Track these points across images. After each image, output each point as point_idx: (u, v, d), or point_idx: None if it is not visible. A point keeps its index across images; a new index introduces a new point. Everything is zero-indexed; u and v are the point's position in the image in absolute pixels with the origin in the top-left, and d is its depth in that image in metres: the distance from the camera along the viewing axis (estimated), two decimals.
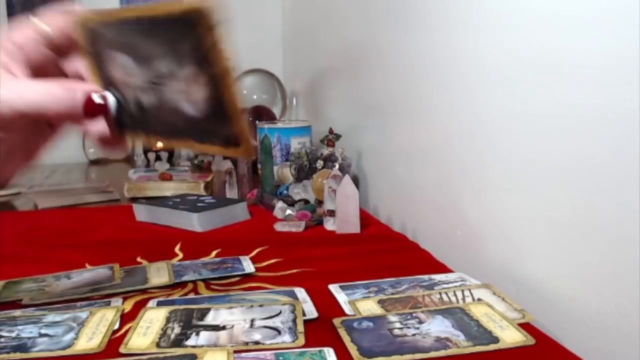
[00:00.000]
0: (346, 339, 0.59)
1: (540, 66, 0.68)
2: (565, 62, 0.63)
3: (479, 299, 0.69)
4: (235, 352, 0.56)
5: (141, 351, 0.58)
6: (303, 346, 0.58)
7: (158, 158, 1.85)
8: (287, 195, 1.25)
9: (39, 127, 0.54)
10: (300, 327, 0.61)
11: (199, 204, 1.14)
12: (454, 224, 0.90)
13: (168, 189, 1.39)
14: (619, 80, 0.56)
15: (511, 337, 0.58)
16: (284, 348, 0.57)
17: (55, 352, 0.58)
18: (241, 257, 0.88)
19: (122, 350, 0.58)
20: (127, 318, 0.67)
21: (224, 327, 0.62)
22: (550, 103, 0.66)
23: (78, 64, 0.52)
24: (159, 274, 0.82)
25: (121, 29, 0.47)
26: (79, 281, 0.80)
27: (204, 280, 0.80)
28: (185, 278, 0.80)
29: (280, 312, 0.65)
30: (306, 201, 1.21)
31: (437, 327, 0.61)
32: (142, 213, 1.17)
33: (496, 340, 0.58)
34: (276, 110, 1.92)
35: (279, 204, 1.17)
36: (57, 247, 0.98)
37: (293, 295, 0.72)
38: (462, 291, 0.71)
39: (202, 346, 0.58)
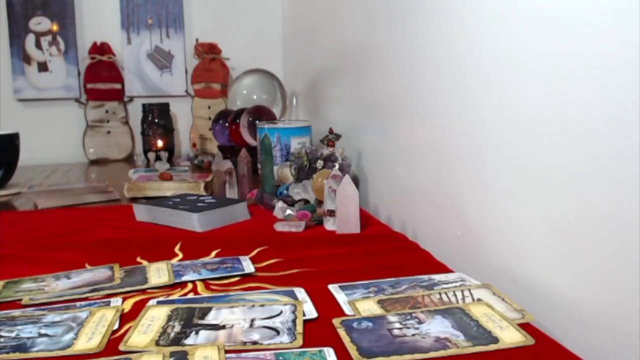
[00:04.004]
0: (346, 339, 0.59)
1: (539, 66, 0.67)
2: (565, 62, 0.63)
3: (479, 299, 0.68)
4: (234, 352, 0.57)
5: (140, 349, 0.58)
6: (301, 346, 0.57)
7: (158, 158, 1.85)
8: (287, 195, 1.25)
9: None
10: (300, 328, 0.61)
11: (199, 204, 1.14)
12: (454, 224, 0.90)
13: (168, 189, 1.39)
14: (619, 80, 0.56)
15: (511, 337, 0.58)
16: (282, 348, 0.57)
17: (55, 352, 0.58)
18: (241, 257, 0.88)
19: (121, 347, 0.58)
20: (127, 318, 0.67)
21: (223, 327, 0.62)
22: (550, 103, 0.66)
23: None
24: (158, 274, 0.81)
25: None
26: (78, 281, 0.80)
27: (203, 280, 0.80)
28: (185, 278, 0.80)
29: (281, 312, 0.65)
30: (306, 201, 1.21)
31: (437, 327, 0.61)
32: (142, 213, 1.17)
33: (496, 340, 0.58)
34: (276, 110, 1.92)
35: (279, 204, 1.17)
36: (57, 247, 0.98)
37: (293, 296, 0.72)
38: (462, 291, 0.71)
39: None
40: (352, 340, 0.58)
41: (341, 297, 0.72)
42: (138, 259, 0.90)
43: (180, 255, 0.92)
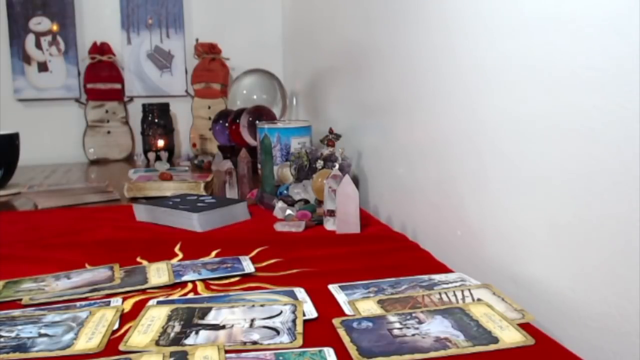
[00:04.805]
0: (346, 339, 0.59)
1: (539, 66, 0.67)
2: (565, 63, 0.63)
3: (479, 299, 0.68)
4: (234, 351, 0.57)
5: (140, 349, 0.58)
6: (301, 346, 0.57)
7: (158, 158, 1.85)
8: (287, 195, 1.25)
9: None
10: (300, 328, 0.61)
11: (199, 204, 1.14)
12: (454, 224, 0.90)
13: (168, 189, 1.39)
14: (619, 80, 0.56)
15: (511, 337, 0.58)
16: (282, 348, 0.57)
17: (55, 352, 0.58)
18: (241, 257, 0.88)
19: (121, 347, 0.58)
20: (127, 318, 0.67)
21: (223, 327, 0.62)
22: (550, 103, 0.66)
23: None
24: (158, 274, 0.81)
25: None
26: (78, 281, 0.80)
27: (203, 280, 0.80)
28: (185, 278, 0.80)
29: (281, 312, 0.65)
30: (306, 201, 1.21)
31: (437, 327, 0.61)
32: (142, 213, 1.17)
33: (496, 340, 0.58)
34: (276, 110, 1.92)
35: (279, 204, 1.17)
36: (57, 247, 0.98)
37: (293, 295, 0.72)
38: (462, 291, 0.71)
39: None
40: (352, 340, 0.58)
41: (341, 297, 0.72)
42: (138, 259, 0.90)
43: (180, 255, 0.92)
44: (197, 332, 0.61)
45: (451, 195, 0.91)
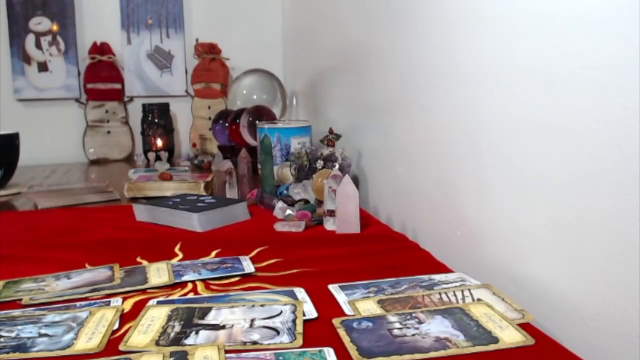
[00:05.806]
0: (346, 339, 0.59)
1: (539, 67, 0.67)
2: (564, 63, 0.63)
3: (479, 299, 0.68)
4: (234, 351, 0.57)
5: (140, 349, 0.58)
6: (301, 346, 0.57)
7: (158, 158, 1.85)
8: (287, 195, 1.25)
9: None
10: (300, 328, 0.61)
11: (199, 204, 1.14)
12: (454, 224, 0.90)
13: (168, 189, 1.39)
14: (619, 80, 0.56)
15: (511, 337, 0.58)
16: (282, 348, 0.57)
17: (55, 352, 0.58)
18: (241, 257, 0.88)
19: (121, 347, 0.58)
20: (127, 318, 0.67)
21: (223, 327, 0.62)
22: (550, 103, 0.66)
23: None
24: (158, 274, 0.81)
25: None
26: (78, 281, 0.80)
27: (203, 280, 0.80)
28: (185, 278, 0.80)
29: (281, 312, 0.65)
30: (306, 201, 1.21)
31: (437, 327, 0.61)
32: (142, 213, 1.17)
33: (496, 340, 0.58)
34: (276, 110, 1.92)
35: (279, 204, 1.17)
36: (57, 247, 0.98)
37: (293, 295, 0.72)
38: (462, 291, 0.71)
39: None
40: (352, 340, 0.58)
41: (341, 297, 0.72)
42: (138, 259, 0.90)
43: (180, 255, 0.92)
44: (197, 332, 0.61)
45: (451, 195, 0.91)
